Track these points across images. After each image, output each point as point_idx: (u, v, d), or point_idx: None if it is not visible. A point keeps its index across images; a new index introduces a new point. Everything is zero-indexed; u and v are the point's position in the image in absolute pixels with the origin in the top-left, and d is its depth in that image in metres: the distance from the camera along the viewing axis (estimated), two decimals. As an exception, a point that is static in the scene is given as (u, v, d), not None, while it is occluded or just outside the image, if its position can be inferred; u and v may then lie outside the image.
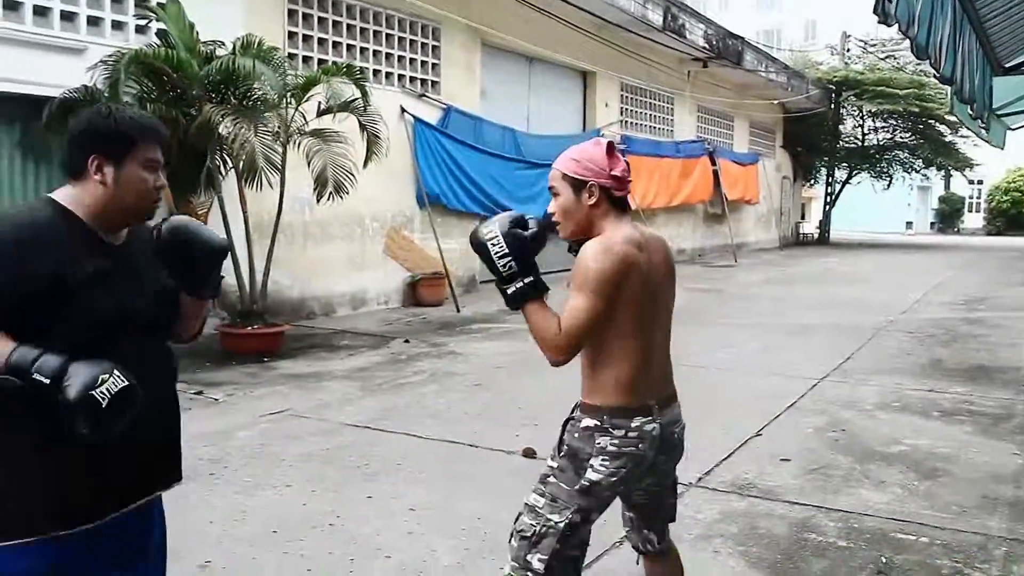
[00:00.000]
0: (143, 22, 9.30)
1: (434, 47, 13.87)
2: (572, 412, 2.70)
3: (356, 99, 9.82)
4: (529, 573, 2.58)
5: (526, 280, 2.56)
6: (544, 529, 2.58)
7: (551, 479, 2.63)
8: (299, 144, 9.48)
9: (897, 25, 4.13)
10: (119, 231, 2.29)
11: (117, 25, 9.41)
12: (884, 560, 4.06)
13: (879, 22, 4.03)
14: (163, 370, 2.40)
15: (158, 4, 9.23)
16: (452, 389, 7.58)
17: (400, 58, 13.25)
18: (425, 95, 13.67)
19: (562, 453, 2.64)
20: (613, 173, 2.60)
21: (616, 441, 2.56)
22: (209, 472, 5.27)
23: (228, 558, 4.04)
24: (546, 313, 2.55)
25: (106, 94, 8.49)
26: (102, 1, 9.27)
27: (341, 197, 9.59)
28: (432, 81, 13.90)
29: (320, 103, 9.69)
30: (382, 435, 6.10)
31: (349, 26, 12.31)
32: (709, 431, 6.22)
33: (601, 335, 2.55)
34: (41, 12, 8.79)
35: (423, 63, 13.71)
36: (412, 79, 13.50)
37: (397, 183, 12.97)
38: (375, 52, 12.78)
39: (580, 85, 18.83)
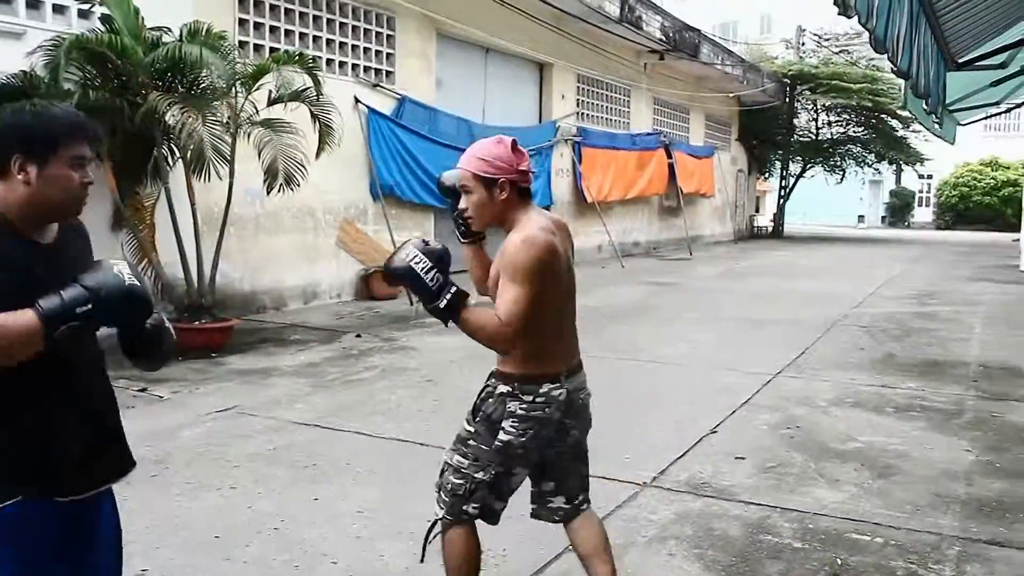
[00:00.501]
0: (86, 6, 8.98)
1: (388, 36, 13.68)
2: (488, 380, 2.99)
3: (308, 88, 9.63)
4: (465, 516, 2.98)
5: (452, 290, 2.70)
6: (473, 485, 2.93)
7: (471, 441, 2.94)
8: (249, 134, 9.27)
9: (857, 17, 4.07)
10: (46, 230, 2.26)
11: (58, 9, 9.12)
12: (839, 562, 4.01)
13: (839, 13, 3.95)
14: (98, 362, 2.42)
15: (102, -12, 8.98)
16: (404, 385, 7.45)
17: (354, 47, 13.04)
18: (379, 85, 13.48)
19: (478, 418, 2.94)
20: (519, 168, 2.85)
21: (525, 406, 2.86)
22: (151, 474, 5.10)
23: (166, 566, 3.89)
24: (479, 311, 2.73)
25: (46, 80, 8.25)
26: (43, -16, 8.98)
27: (292, 189, 9.41)
28: (387, 71, 13.71)
29: (271, 92, 9.48)
30: (331, 433, 5.97)
31: (302, 14, 12.08)
32: (663, 428, 6.18)
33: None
34: (-22, -5, 8.50)
35: (377, 52, 13.51)
36: (366, 69, 13.31)
37: (350, 174, 12.78)
38: (328, 41, 12.56)
39: (536, 76, 18.72)
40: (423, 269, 2.68)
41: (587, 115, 20.41)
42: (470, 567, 3.06)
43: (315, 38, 12.31)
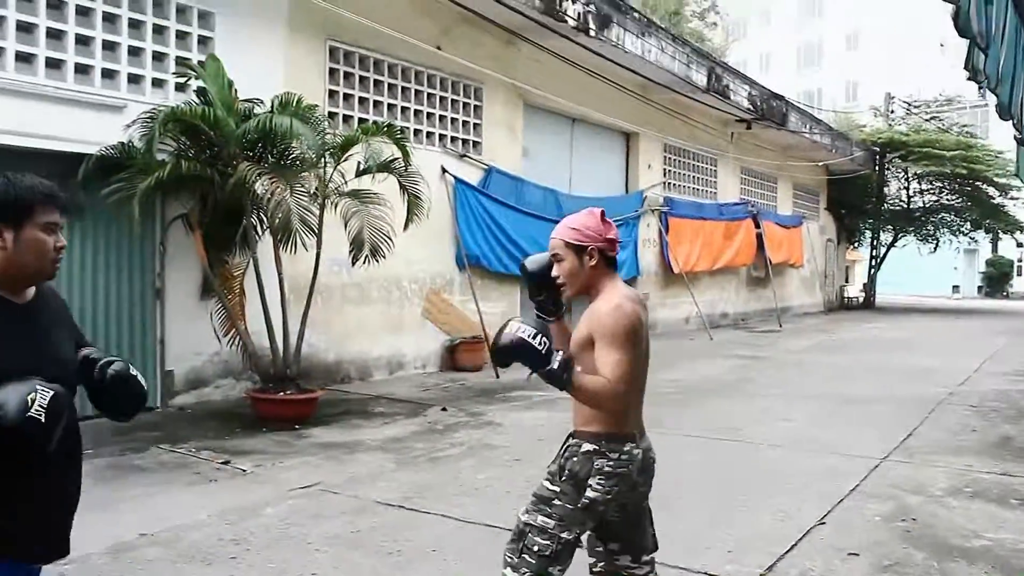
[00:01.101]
0: (183, 80, 9.16)
1: (476, 107, 13.70)
2: (568, 440, 3.08)
3: (396, 159, 9.61)
4: None
5: (561, 353, 2.90)
6: (559, 545, 2.96)
7: (556, 501, 3.00)
8: (337, 205, 9.25)
9: (986, 82, 3.79)
10: (23, 291, 2.43)
11: (157, 83, 9.28)
12: None
13: (968, 79, 3.70)
14: (70, 435, 2.42)
15: (198, 62, 9.13)
16: (491, 464, 7.17)
17: (441, 118, 13.07)
18: (466, 155, 13.47)
19: (563, 478, 3.01)
20: (608, 237, 3.06)
21: (611, 463, 2.96)
22: (230, 555, 4.90)
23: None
24: (588, 375, 2.92)
25: (141, 151, 8.36)
26: (143, 59, 9.16)
27: (378, 260, 9.34)
28: (473, 141, 13.70)
29: (359, 163, 9.48)
30: (416, 516, 5.70)
31: (390, 85, 12.15)
32: (767, 517, 5.77)
33: None
34: (83, 70, 8.69)
35: (464, 123, 13.53)
36: (453, 139, 13.31)
37: (437, 244, 12.71)
38: (416, 112, 12.60)
39: (623, 145, 18.60)
40: (531, 336, 2.85)
41: (674, 184, 20.18)
42: None
43: (403, 109, 12.36)
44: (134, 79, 9.10)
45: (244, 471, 6.85)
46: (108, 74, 8.90)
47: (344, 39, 11.32)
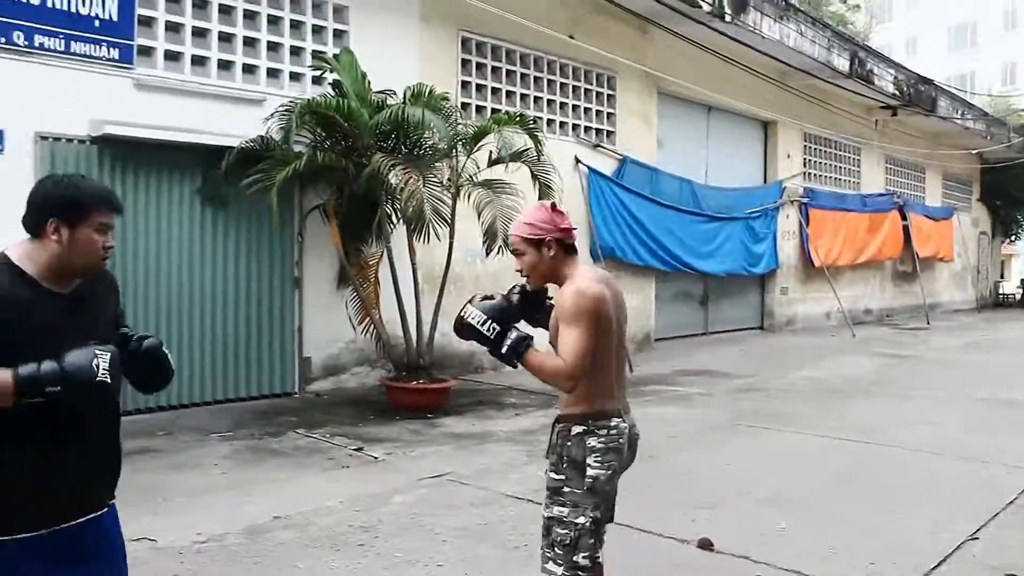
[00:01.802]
0: (318, 73, 9.33)
1: (609, 96, 13.51)
2: (556, 426, 3.17)
3: (528, 149, 9.54)
4: (580, 572, 3.03)
5: (512, 335, 3.02)
6: (577, 533, 3.02)
7: (565, 489, 3.08)
8: (469, 195, 9.24)
9: None
10: (68, 282, 2.55)
11: (295, 76, 9.48)
12: None
13: None
14: (109, 406, 2.62)
15: (333, 55, 9.27)
16: (623, 458, 7.01)
17: (574, 107, 12.95)
18: (600, 145, 13.30)
19: (564, 464, 3.09)
20: (561, 226, 3.15)
21: (603, 439, 3.06)
22: (358, 542, 4.91)
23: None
24: (542, 353, 3.04)
25: (280, 143, 8.54)
26: (281, 53, 9.36)
27: (511, 250, 9.26)
28: (607, 131, 13.53)
29: (491, 153, 9.45)
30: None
31: (523, 75, 12.10)
32: (913, 528, 5.41)
33: None
34: (225, 66, 8.95)
35: (598, 112, 13.36)
36: (587, 129, 13.16)
37: (569, 235, 12.57)
38: (549, 101, 12.52)
39: (761, 134, 18.06)
40: (479, 322, 3.03)
41: (814, 175, 19.49)
42: None
43: (536, 99, 12.29)
44: (273, 73, 9.32)
45: (376, 458, 6.90)
46: (249, 69, 9.14)
47: (476, 29, 11.32)
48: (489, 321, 3.03)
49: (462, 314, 3.08)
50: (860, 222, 20.35)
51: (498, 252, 9.15)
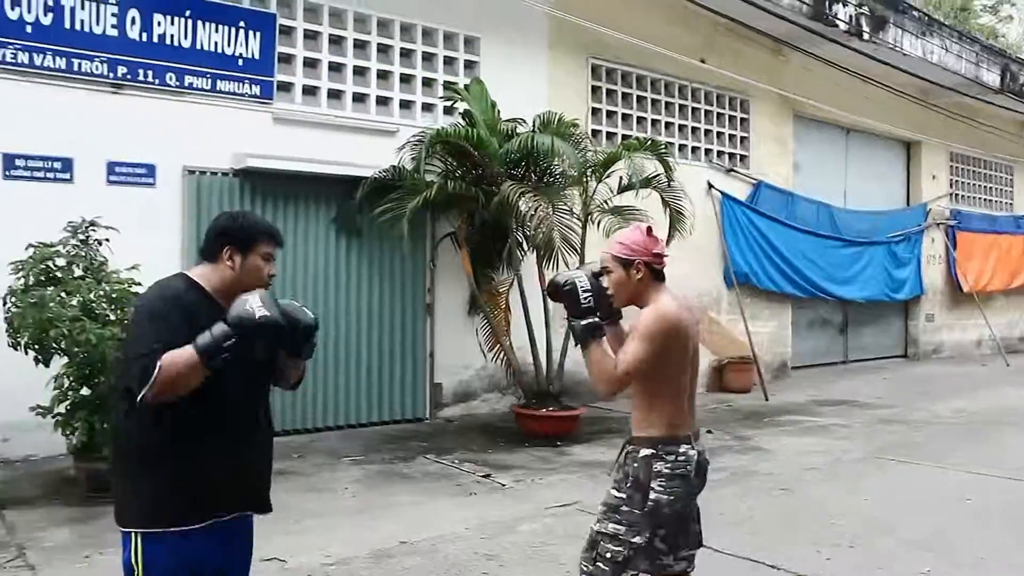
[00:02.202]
0: (449, 103, 9.50)
1: (743, 119, 13.27)
2: (625, 447, 3.24)
3: (659, 175, 9.44)
4: None
5: (597, 317, 3.18)
6: (630, 551, 3.07)
7: (623, 508, 3.13)
8: (599, 222, 9.20)
9: None
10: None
11: (427, 107, 9.68)
12: None
13: None
14: (265, 408, 3.10)
15: (464, 86, 9.41)
16: (755, 492, 6.79)
17: (706, 132, 12.76)
18: (733, 170, 13.06)
19: (627, 484, 3.14)
20: (654, 251, 3.20)
21: (669, 465, 3.10)
22: (483, 571, 4.91)
23: None
24: (607, 351, 3.16)
25: (412, 172, 8.71)
26: (413, 85, 9.57)
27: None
28: (740, 155, 13.27)
29: (621, 179, 9.39)
30: (673, 541, 5.47)
31: (654, 101, 12.01)
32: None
33: (656, 380, 3.14)
34: (359, 99, 9.22)
35: (731, 136, 13.13)
36: (719, 153, 12.95)
37: (702, 261, 12.38)
38: (680, 126, 12.38)
39: (903, 156, 17.39)
40: (583, 288, 3.17)
41: (962, 196, 18.59)
42: None
43: (667, 124, 12.18)
44: (405, 104, 9.53)
45: (503, 485, 6.90)
46: (382, 101, 9.38)
47: (605, 56, 11.30)
48: (592, 293, 3.16)
49: (572, 274, 3.22)
50: (1014, 245, 19.26)
51: (627, 279, 9.05)
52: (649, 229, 3.26)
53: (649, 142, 9.58)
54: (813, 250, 14.07)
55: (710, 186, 12.60)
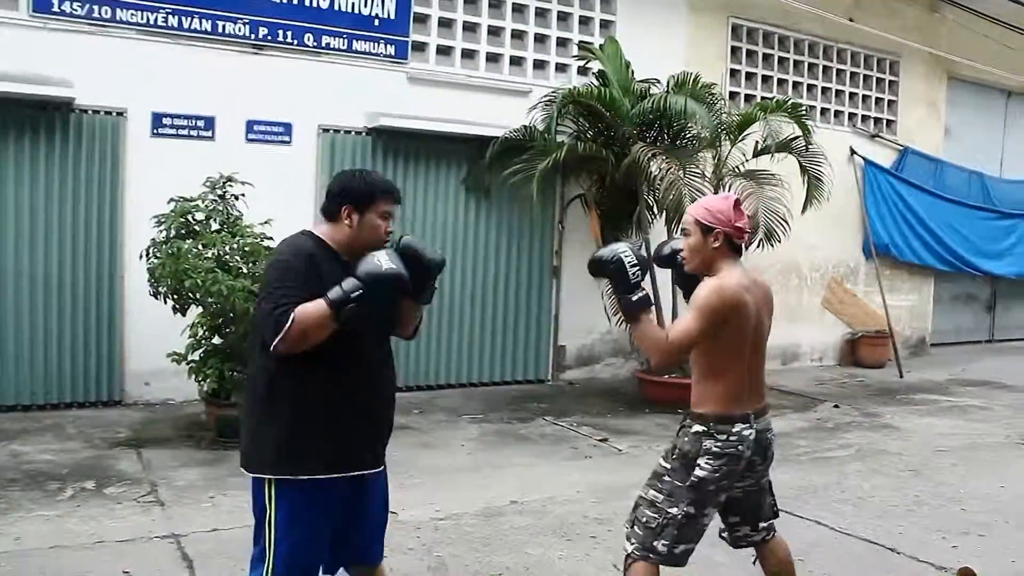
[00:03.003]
0: (583, 63, 9.39)
1: (891, 82, 12.64)
2: (683, 420, 3.26)
3: (797, 138, 9.13)
4: (651, 555, 3.17)
5: (646, 290, 3.17)
6: (665, 520, 3.15)
7: (666, 477, 3.20)
8: (730, 186, 8.98)
9: None
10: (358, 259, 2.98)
11: (561, 67, 9.60)
12: None
13: None
14: (391, 375, 3.19)
15: (599, 46, 9.29)
16: (881, 472, 6.55)
17: (851, 95, 12.21)
18: (878, 135, 12.49)
19: (674, 455, 3.20)
20: (736, 224, 3.19)
21: (720, 443, 3.12)
22: (591, 534, 4.93)
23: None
24: (654, 324, 3.21)
25: (543, 133, 8.68)
26: (547, 45, 9.50)
27: (772, 244, 8.95)
28: (887, 120, 12.67)
29: (757, 143, 9.12)
30: (788, 518, 5.27)
31: (796, 63, 11.57)
32: None
33: (713, 355, 3.16)
34: (493, 58, 9.22)
35: (877, 100, 12.53)
36: (864, 118, 12.39)
37: (841, 230, 11.94)
38: (823, 89, 11.89)
39: (1070, 122, 16.26)
40: (630, 263, 3.12)
41: None
42: None
43: (809, 87, 11.72)
44: (539, 64, 9.48)
45: (620, 450, 6.88)
46: (516, 61, 9.35)
47: (748, 16, 10.94)
48: (638, 267, 3.14)
49: (617, 248, 3.19)
50: None
51: (758, 245, 8.84)
52: (737, 201, 3.25)
53: (787, 104, 9.25)
54: (961, 221, 13.35)
55: (852, 152, 12.10)
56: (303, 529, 2.95)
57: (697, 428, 3.16)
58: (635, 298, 3.12)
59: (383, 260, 2.84)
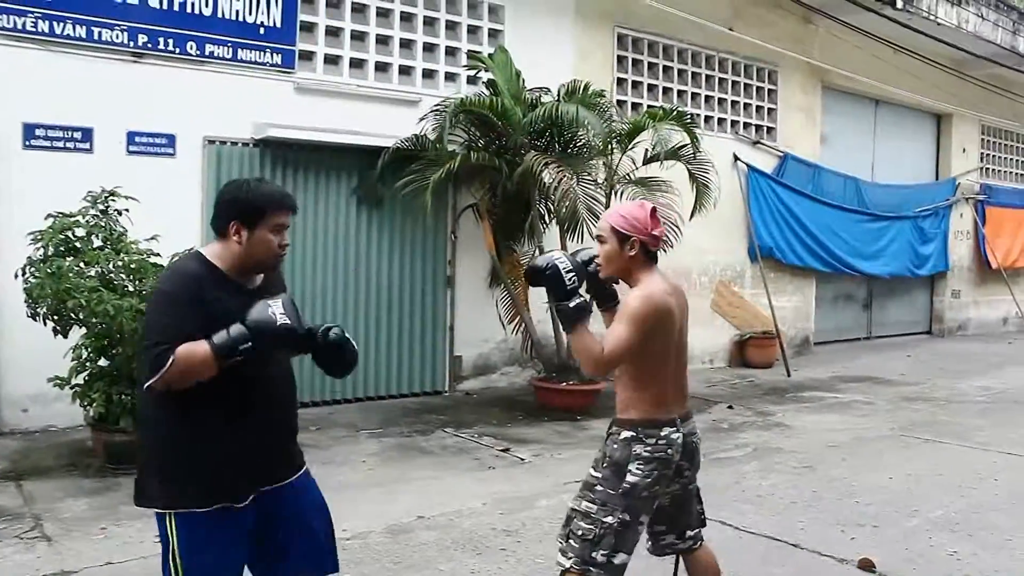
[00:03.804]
0: (473, 72, 9.36)
1: (770, 91, 13.04)
2: (609, 428, 3.27)
3: (685, 145, 9.30)
4: (591, 568, 3.12)
5: (584, 297, 3.14)
6: (602, 530, 3.12)
7: (598, 487, 3.18)
8: (622, 193, 9.09)
9: None
10: (253, 278, 2.90)
11: (450, 76, 9.55)
12: None
13: None
14: (287, 386, 3.05)
15: (488, 55, 9.29)
16: (777, 470, 6.71)
17: (733, 103, 12.56)
18: (760, 142, 12.87)
19: (605, 464, 3.20)
20: (652, 232, 3.18)
21: (649, 448, 3.14)
22: (500, 546, 4.88)
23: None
24: (591, 334, 3.11)
25: (435, 143, 8.61)
26: (436, 54, 9.45)
27: (664, 250, 9.04)
28: (767, 127, 13.06)
29: (647, 151, 9.25)
30: (694, 520, 5.41)
31: (680, 71, 11.82)
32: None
33: (640, 362, 3.15)
34: (382, 68, 9.11)
35: (758, 108, 12.92)
36: (746, 125, 12.75)
37: (727, 235, 12.24)
38: (707, 98, 12.19)
39: (933, 128, 17.07)
40: (565, 269, 3.12)
41: (993, 170, 18.28)
42: None
43: (693, 95, 11.99)
44: (428, 74, 9.41)
45: (522, 460, 6.86)
46: (405, 71, 9.27)
47: (632, 25, 11.13)
48: (574, 274, 3.13)
49: (551, 256, 3.19)
50: (1046, 220, 18.96)
51: (651, 252, 8.95)
52: (653, 210, 3.24)
53: (675, 112, 9.41)
54: (839, 224, 13.88)
55: (736, 158, 12.43)
56: (208, 560, 2.81)
57: (626, 434, 3.17)
58: (572, 304, 3.11)
59: (277, 313, 2.68)
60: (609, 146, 8.98)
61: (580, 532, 3.16)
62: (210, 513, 2.77)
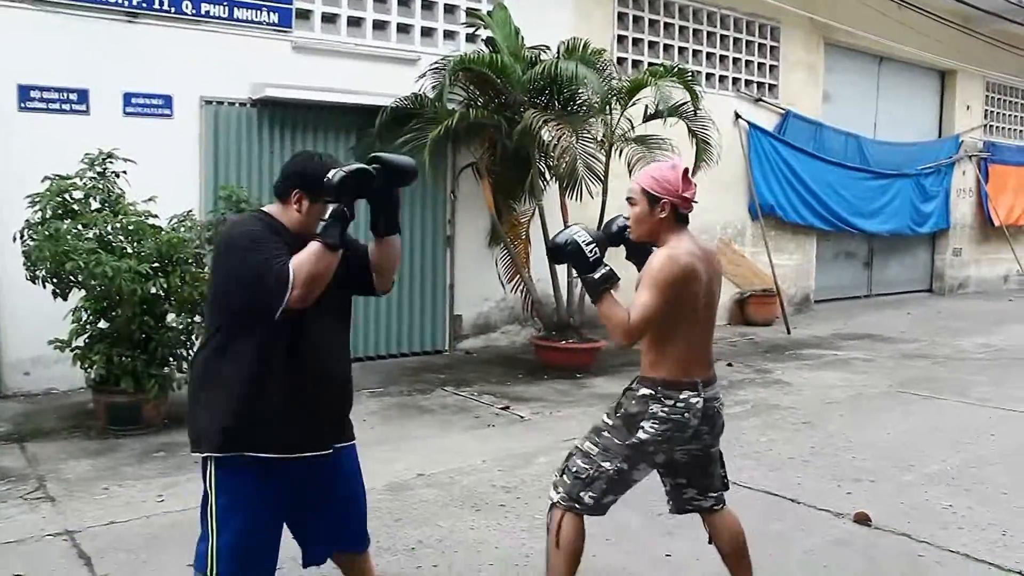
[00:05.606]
0: (471, 30, 9.28)
1: (772, 48, 12.93)
2: (631, 383, 3.27)
3: (685, 103, 9.23)
4: (577, 505, 3.24)
5: (607, 267, 3.14)
6: (597, 472, 3.21)
7: (605, 433, 3.24)
8: (622, 151, 9.04)
9: None
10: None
11: (449, 35, 9.48)
12: None
13: None
14: (345, 358, 3.17)
15: (487, 12, 9.20)
16: (776, 426, 6.75)
17: (735, 60, 12.46)
18: (761, 99, 12.78)
19: (619, 414, 3.23)
20: (683, 194, 3.17)
21: (666, 409, 3.14)
22: (500, 503, 4.91)
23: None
24: (619, 303, 3.11)
25: (434, 101, 8.55)
26: (435, 12, 9.37)
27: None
28: (769, 84, 12.97)
29: (647, 108, 9.19)
30: (692, 476, 5.45)
31: (681, 28, 11.72)
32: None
33: (665, 324, 3.11)
34: (380, 26, 9.03)
35: (760, 65, 12.82)
36: (747, 82, 12.66)
37: (728, 193, 12.20)
38: (708, 55, 12.09)
39: (937, 85, 16.94)
40: (585, 242, 3.13)
41: (997, 127, 18.16)
42: (576, 559, 3.29)
43: (695, 52, 11.90)
44: (427, 32, 9.34)
45: (522, 417, 6.90)
46: (403, 28, 9.20)
47: (633, -19, 11.02)
48: (595, 245, 3.14)
49: (570, 231, 3.20)
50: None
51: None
52: (686, 171, 3.22)
53: (676, 69, 9.33)
54: (840, 182, 13.83)
55: (737, 116, 12.36)
56: (245, 517, 2.85)
57: (645, 391, 3.17)
58: (598, 275, 3.11)
59: (331, 174, 2.80)
60: (609, 104, 8.92)
61: (575, 469, 3.24)
62: (256, 465, 2.84)
